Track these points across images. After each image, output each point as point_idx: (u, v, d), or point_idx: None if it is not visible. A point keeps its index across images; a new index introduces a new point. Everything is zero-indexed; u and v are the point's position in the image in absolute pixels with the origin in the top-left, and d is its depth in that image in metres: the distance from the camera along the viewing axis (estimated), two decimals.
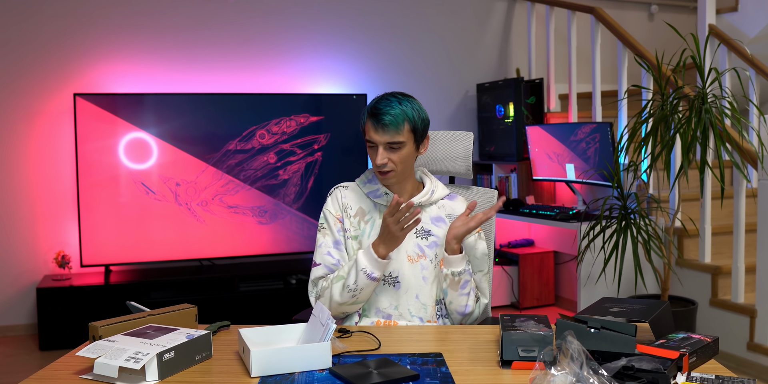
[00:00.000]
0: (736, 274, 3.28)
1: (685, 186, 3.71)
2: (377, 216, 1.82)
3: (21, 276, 3.98)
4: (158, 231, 3.94)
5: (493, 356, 1.46)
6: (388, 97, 1.75)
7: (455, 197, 1.90)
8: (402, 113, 1.71)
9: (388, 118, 1.70)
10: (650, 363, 1.23)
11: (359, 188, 1.87)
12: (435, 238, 1.82)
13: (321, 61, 4.50)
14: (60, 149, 3.98)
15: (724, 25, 4.65)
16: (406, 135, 1.73)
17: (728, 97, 3.09)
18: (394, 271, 1.80)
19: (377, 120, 1.71)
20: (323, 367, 1.39)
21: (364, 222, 1.83)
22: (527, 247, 4.55)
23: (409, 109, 1.73)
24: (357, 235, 1.83)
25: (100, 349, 1.35)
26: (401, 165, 1.75)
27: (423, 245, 1.81)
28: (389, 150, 1.73)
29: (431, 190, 1.84)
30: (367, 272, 1.70)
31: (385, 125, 1.70)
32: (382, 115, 1.70)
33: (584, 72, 4.77)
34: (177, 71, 4.21)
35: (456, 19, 4.82)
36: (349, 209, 1.84)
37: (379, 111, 1.71)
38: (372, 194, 1.83)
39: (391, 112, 1.70)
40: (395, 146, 1.72)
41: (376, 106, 1.73)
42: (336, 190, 1.88)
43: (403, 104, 1.73)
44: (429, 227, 1.83)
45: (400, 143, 1.72)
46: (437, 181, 1.90)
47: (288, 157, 4.14)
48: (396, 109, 1.71)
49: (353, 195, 1.86)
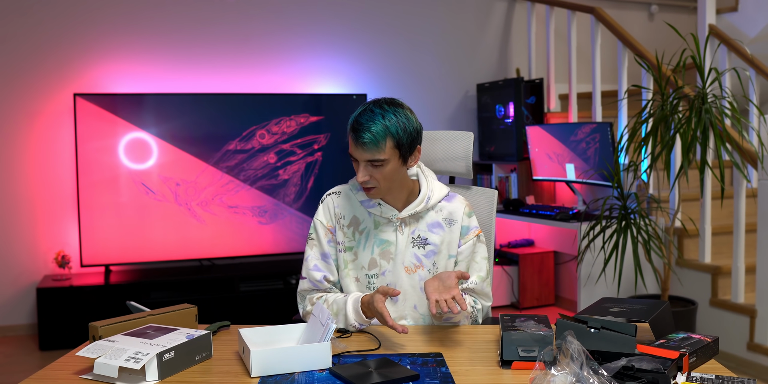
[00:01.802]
0: (736, 274, 3.28)
1: (685, 186, 3.71)
2: (372, 225, 1.75)
3: (21, 276, 3.98)
4: (158, 231, 3.94)
5: (493, 356, 1.46)
6: (373, 108, 1.61)
7: (453, 197, 1.80)
8: (384, 130, 1.58)
9: (367, 136, 1.57)
10: (650, 363, 1.23)
11: (352, 195, 1.78)
12: (432, 246, 1.75)
13: (321, 61, 4.50)
14: (60, 149, 3.98)
15: (724, 25, 4.65)
16: (389, 152, 1.60)
17: (728, 97, 3.09)
18: (391, 283, 1.75)
19: (356, 137, 1.59)
20: (323, 367, 1.39)
21: (358, 232, 1.76)
22: (527, 247, 4.54)
23: (393, 123, 1.59)
24: (352, 247, 1.76)
25: (100, 349, 1.35)
26: (385, 182, 1.64)
27: (420, 255, 1.75)
28: (371, 167, 1.62)
29: (426, 197, 1.74)
30: (356, 325, 1.64)
31: (364, 143, 1.58)
32: (362, 132, 1.58)
33: (584, 72, 4.77)
34: (177, 71, 4.21)
35: (456, 19, 4.82)
36: (342, 219, 1.76)
37: (360, 126, 1.59)
38: (365, 204, 1.75)
39: (371, 129, 1.57)
40: (377, 164, 1.61)
41: (358, 120, 1.60)
42: (328, 198, 1.80)
43: (386, 118, 1.59)
44: (426, 235, 1.75)
45: (382, 161, 1.60)
46: (434, 182, 1.79)
47: (288, 157, 4.14)
48: (377, 126, 1.58)
49: (346, 203, 1.77)
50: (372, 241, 1.75)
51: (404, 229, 1.75)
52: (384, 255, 1.75)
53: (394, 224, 1.75)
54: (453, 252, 1.77)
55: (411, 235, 1.75)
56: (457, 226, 1.77)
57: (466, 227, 1.78)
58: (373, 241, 1.75)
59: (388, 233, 1.75)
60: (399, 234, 1.74)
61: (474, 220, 1.80)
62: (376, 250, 1.75)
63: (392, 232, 1.75)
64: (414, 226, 1.76)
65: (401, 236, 1.74)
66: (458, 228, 1.77)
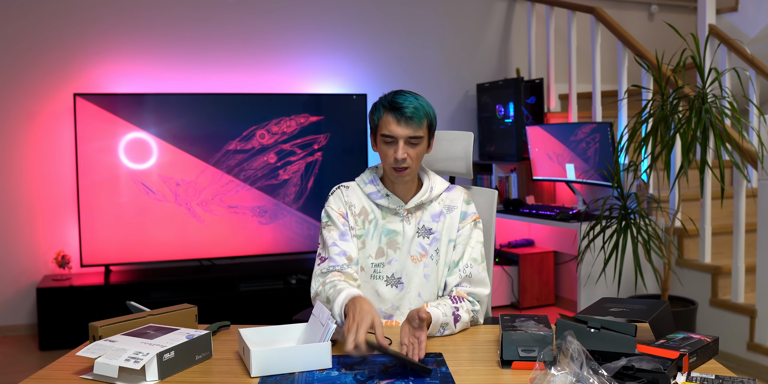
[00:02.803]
0: (736, 274, 3.28)
1: (685, 186, 3.71)
2: (380, 217, 1.81)
3: (21, 276, 3.97)
4: (158, 231, 3.94)
5: (493, 356, 1.46)
6: (404, 93, 1.73)
7: (453, 188, 1.88)
8: (422, 108, 1.70)
9: (411, 110, 1.67)
10: (650, 363, 1.23)
11: (360, 188, 1.85)
12: (435, 234, 1.81)
13: (321, 61, 4.50)
14: (60, 149, 3.98)
15: (724, 25, 4.65)
16: (425, 130, 1.71)
17: (728, 97, 3.09)
18: (397, 272, 1.80)
19: (400, 113, 1.68)
20: (323, 367, 1.39)
21: (368, 222, 1.81)
22: (527, 247, 4.54)
23: (426, 103, 1.73)
24: (361, 235, 1.81)
25: (100, 349, 1.35)
26: (416, 162, 1.73)
27: (425, 244, 1.81)
28: (409, 145, 1.70)
29: (430, 188, 1.82)
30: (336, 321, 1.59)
31: (409, 118, 1.67)
32: (404, 108, 1.67)
33: (584, 72, 4.77)
34: (177, 71, 4.21)
35: (456, 19, 4.82)
36: (353, 207, 1.82)
37: (400, 104, 1.68)
38: (373, 196, 1.81)
39: (415, 105, 1.68)
40: (414, 141, 1.70)
41: (395, 101, 1.70)
42: (338, 190, 1.86)
43: (419, 100, 1.72)
44: (430, 226, 1.81)
45: (420, 138, 1.70)
46: (434, 176, 1.87)
47: (288, 157, 4.14)
48: (416, 103, 1.70)
49: (355, 195, 1.84)
50: (380, 230, 1.80)
51: (410, 219, 1.81)
52: (391, 244, 1.80)
53: (401, 215, 1.80)
54: (453, 236, 1.82)
55: (417, 226, 1.81)
56: (456, 211, 1.83)
57: (465, 213, 1.84)
58: (381, 231, 1.80)
59: (395, 223, 1.80)
60: (406, 224, 1.80)
61: (472, 207, 1.86)
62: (384, 240, 1.80)
63: (399, 223, 1.80)
64: (419, 217, 1.82)
65: (408, 226, 1.80)
66: (457, 213, 1.83)
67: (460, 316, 1.66)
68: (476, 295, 1.77)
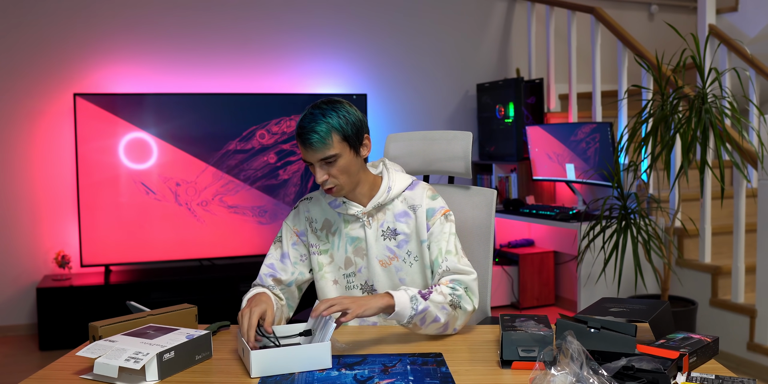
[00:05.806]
0: (736, 274, 3.28)
1: (685, 186, 3.71)
2: (342, 226, 1.77)
3: (21, 276, 3.98)
4: (158, 231, 3.94)
5: (493, 356, 1.46)
6: (312, 111, 1.66)
7: (416, 185, 1.80)
8: (327, 126, 1.62)
9: (313, 136, 1.61)
10: (650, 363, 1.23)
11: (321, 198, 1.81)
12: (402, 235, 1.75)
13: (321, 61, 4.50)
14: (60, 149, 3.98)
15: (724, 25, 4.65)
16: (338, 146, 1.63)
17: (728, 97, 3.09)
18: (369, 279, 1.76)
19: (303, 140, 1.63)
20: (323, 367, 1.39)
21: (331, 234, 1.78)
22: (527, 247, 4.54)
23: (335, 119, 1.64)
24: (327, 249, 1.78)
25: (100, 349, 1.35)
26: (343, 176, 1.66)
27: (392, 246, 1.76)
28: (326, 165, 1.65)
29: (388, 188, 1.76)
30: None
31: (311, 144, 1.62)
32: (306, 134, 1.62)
33: (584, 72, 4.77)
34: (177, 71, 4.21)
35: (456, 19, 4.82)
36: (314, 223, 1.80)
37: (303, 130, 1.63)
38: (332, 204, 1.78)
39: (315, 129, 1.62)
40: (330, 160, 1.63)
41: (301, 125, 1.65)
42: (301, 204, 1.84)
43: (327, 116, 1.64)
44: (394, 226, 1.76)
45: (334, 156, 1.63)
46: (395, 174, 1.80)
47: (288, 157, 4.14)
48: (320, 125, 1.62)
49: (317, 208, 1.80)
50: (344, 240, 1.77)
51: (372, 223, 1.76)
52: (357, 252, 1.76)
53: (361, 220, 1.75)
54: (424, 237, 1.75)
55: (380, 229, 1.76)
56: (421, 210, 1.76)
57: (432, 209, 1.76)
58: (345, 240, 1.77)
59: (357, 230, 1.76)
60: (367, 228, 1.75)
61: (439, 202, 1.78)
62: (350, 249, 1.77)
63: (360, 228, 1.76)
64: (381, 219, 1.76)
65: (369, 230, 1.75)
66: (423, 211, 1.75)
67: (430, 293, 1.59)
68: (458, 281, 1.68)
